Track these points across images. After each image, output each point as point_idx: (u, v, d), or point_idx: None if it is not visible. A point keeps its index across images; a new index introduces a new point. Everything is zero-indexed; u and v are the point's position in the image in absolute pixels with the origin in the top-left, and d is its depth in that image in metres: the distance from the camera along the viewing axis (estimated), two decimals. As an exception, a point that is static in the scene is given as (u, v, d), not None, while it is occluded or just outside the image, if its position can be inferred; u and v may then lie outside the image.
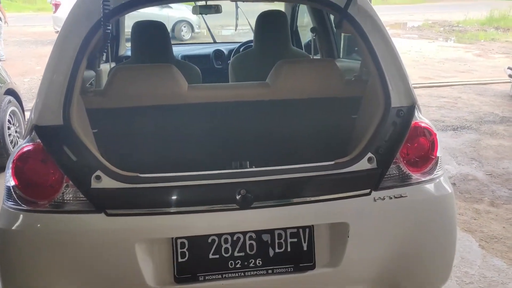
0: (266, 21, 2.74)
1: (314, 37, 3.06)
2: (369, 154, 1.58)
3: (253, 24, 4.46)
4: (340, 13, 1.77)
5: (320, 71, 2.02)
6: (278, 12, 2.82)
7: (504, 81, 6.76)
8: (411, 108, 1.63)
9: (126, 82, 1.88)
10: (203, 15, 3.97)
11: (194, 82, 2.57)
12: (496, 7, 15.37)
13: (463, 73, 8.28)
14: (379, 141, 1.61)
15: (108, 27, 1.57)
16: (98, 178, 1.39)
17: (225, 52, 3.93)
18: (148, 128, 1.91)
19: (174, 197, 1.45)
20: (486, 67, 8.79)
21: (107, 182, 1.40)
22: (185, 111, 1.94)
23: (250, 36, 3.43)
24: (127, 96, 1.86)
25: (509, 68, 6.20)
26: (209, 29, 4.50)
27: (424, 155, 1.62)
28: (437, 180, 1.62)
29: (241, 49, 3.76)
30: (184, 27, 12.90)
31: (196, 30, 13.16)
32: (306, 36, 3.80)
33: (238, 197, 1.42)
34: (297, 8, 3.55)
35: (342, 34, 3.01)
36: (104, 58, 3.68)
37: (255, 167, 1.57)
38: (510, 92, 6.33)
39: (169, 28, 12.88)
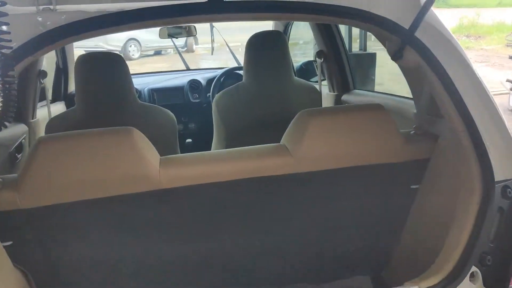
0: (262, 45, 2.02)
1: (321, 63, 2.38)
2: (472, 268, 0.94)
3: (232, 44, 3.81)
4: (404, 38, 1.11)
5: (365, 124, 1.32)
6: (276, 33, 2.12)
7: (498, 92, 6.33)
8: None
9: (57, 163, 1.14)
10: (172, 38, 3.24)
11: (168, 137, 1.84)
12: (464, 15, 15.36)
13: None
14: (482, 243, 0.97)
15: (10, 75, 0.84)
16: None
17: (202, 82, 3.19)
18: (95, 242, 1.20)
19: None
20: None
21: None
22: (156, 205, 1.23)
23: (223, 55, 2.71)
24: (59, 186, 1.13)
25: (508, 80, 5.76)
26: (180, 54, 3.76)
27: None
28: None
29: (222, 79, 3.03)
30: (131, 46, 11.80)
31: (146, 48, 12.09)
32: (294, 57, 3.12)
33: None
34: (290, 25, 2.87)
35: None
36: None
37: None
38: (509, 106, 5.88)
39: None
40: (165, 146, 1.91)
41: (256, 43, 2.02)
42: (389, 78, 3.25)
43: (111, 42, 11.28)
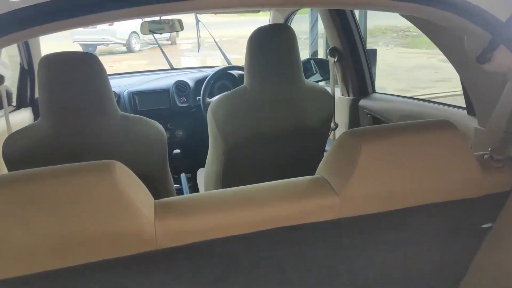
0: (267, 41, 1.64)
1: (335, 63, 2.04)
2: None
3: (220, 40, 3.43)
4: (498, 34, 0.78)
5: (432, 148, 0.99)
6: (284, 27, 1.76)
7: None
8: None
9: (4, 221, 0.77)
10: (154, 34, 2.84)
11: (156, 156, 1.48)
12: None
13: (439, 82, 7.68)
14: None
15: None
16: None
17: (190, 83, 2.81)
18: None
19: None
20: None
21: None
22: (151, 271, 0.88)
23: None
24: (9, 253, 0.76)
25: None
26: (163, 52, 3.35)
27: None
28: None
29: (213, 81, 2.66)
30: (133, 39, 11.62)
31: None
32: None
33: None
34: (291, 20, 2.52)
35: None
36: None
37: None
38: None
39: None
40: (152, 168, 1.54)
41: (260, 39, 1.64)
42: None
43: (119, 35, 11.11)
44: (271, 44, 1.63)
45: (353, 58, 2.02)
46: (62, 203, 0.80)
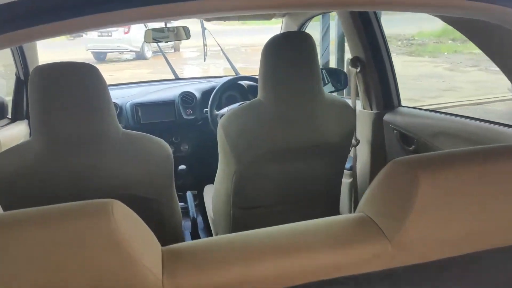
0: (285, 50, 1.47)
1: (356, 74, 1.86)
2: None
3: (223, 48, 3.28)
4: None
5: (503, 180, 0.81)
6: (304, 35, 1.59)
7: (501, 99, 6.03)
8: None
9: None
10: (158, 43, 2.68)
11: (161, 178, 1.32)
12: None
13: (447, 91, 7.53)
14: None
15: None
16: None
17: (197, 94, 2.64)
18: None
19: None
20: (466, 83, 8.12)
21: None
22: None
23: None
24: None
25: (517, 87, 5.39)
26: (167, 60, 3.18)
27: None
28: None
29: (221, 92, 2.49)
30: (146, 46, 11.52)
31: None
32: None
33: None
34: (305, 26, 2.35)
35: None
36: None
37: None
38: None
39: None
40: (157, 189, 1.36)
41: (277, 48, 1.48)
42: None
43: (134, 43, 11.11)
44: (289, 53, 1.47)
45: (378, 67, 1.84)
46: (48, 253, 0.63)
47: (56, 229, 0.64)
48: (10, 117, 2.29)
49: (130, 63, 11.61)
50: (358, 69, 1.86)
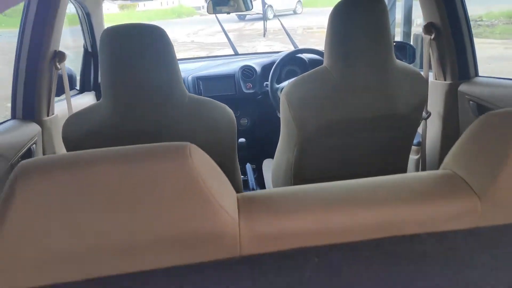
0: (354, 15, 1.38)
1: (430, 41, 1.74)
2: None
3: (287, 23, 3.20)
4: None
5: None
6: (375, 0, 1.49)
7: None
8: None
9: (58, 214, 0.59)
10: (217, 14, 2.67)
11: (226, 142, 1.30)
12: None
13: (520, 74, 7.00)
14: None
15: None
16: None
17: (257, 68, 2.61)
18: None
19: None
20: (541, 65, 7.52)
21: None
22: (232, 281, 0.67)
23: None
24: (60, 255, 0.58)
25: None
26: (227, 36, 3.17)
27: None
28: None
29: (282, 65, 2.44)
30: None
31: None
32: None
33: None
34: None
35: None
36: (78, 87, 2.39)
37: None
38: None
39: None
40: (222, 156, 1.35)
41: (346, 12, 1.40)
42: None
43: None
44: (359, 18, 1.38)
45: (454, 34, 1.71)
46: (122, 195, 0.62)
47: (135, 167, 0.62)
48: (78, 88, 2.38)
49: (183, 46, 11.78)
50: (433, 36, 1.73)
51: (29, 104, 1.53)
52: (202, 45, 11.01)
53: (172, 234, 0.63)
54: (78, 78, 2.37)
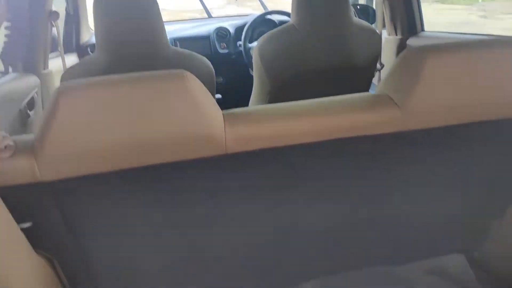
0: None
1: (384, 0, 1.98)
2: None
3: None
4: None
5: (501, 65, 0.98)
6: None
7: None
8: None
9: (88, 120, 0.82)
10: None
11: (206, 87, 1.51)
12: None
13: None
14: None
15: None
16: None
17: (231, 30, 2.80)
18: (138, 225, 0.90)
19: None
20: (500, 31, 7.88)
21: None
22: (219, 176, 0.94)
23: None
24: (91, 151, 0.81)
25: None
26: (201, 1, 3.32)
27: None
28: None
29: (253, 26, 2.64)
30: None
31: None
32: None
33: None
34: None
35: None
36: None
37: None
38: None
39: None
40: None
41: None
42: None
43: None
44: None
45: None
46: (138, 107, 0.84)
47: (143, 87, 0.85)
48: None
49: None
50: (384, -7, 1.98)
51: (29, 58, 1.70)
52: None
53: (174, 135, 0.87)
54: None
